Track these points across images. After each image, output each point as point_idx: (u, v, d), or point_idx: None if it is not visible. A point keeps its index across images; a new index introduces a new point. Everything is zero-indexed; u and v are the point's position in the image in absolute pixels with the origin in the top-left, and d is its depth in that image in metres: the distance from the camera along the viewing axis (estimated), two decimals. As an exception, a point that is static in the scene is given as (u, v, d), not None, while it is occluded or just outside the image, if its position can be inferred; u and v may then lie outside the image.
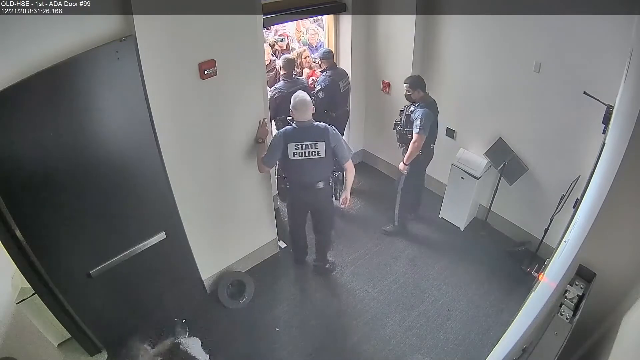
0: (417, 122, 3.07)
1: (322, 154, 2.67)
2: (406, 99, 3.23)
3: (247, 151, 2.80)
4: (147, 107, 2.16)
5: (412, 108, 3.19)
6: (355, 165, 2.97)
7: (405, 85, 3.19)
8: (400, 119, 3.31)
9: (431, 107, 3.15)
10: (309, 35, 4.65)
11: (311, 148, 2.64)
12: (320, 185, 2.78)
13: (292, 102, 2.68)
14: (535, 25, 2.78)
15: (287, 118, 2.85)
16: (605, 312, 1.59)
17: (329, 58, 3.67)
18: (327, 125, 2.71)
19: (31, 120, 1.83)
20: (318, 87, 3.65)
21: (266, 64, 3.66)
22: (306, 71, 4.15)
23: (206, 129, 2.54)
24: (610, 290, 1.56)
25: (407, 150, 3.24)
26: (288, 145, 2.64)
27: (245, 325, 2.94)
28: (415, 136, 3.11)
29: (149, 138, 2.25)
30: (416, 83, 3.15)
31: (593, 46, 2.55)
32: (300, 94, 2.70)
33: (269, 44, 4.44)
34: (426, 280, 3.27)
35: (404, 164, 3.27)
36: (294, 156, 2.66)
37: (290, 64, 3.61)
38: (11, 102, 1.74)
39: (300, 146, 2.64)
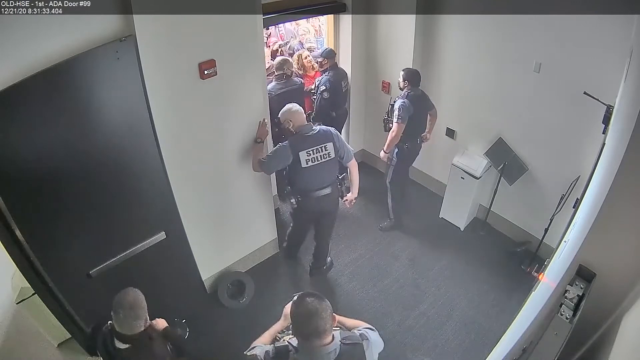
0: (395, 112, 3.21)
1: (332, 154, 2.69)
2: (398, 87, 3.32)
3: (247, 151, 2.79)
4: (147, 107, 2.16)
5: (395, 99, 3.30)
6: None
7: (400, 73, 3.26)
8: (387, 109, 3.42)
9: (415, 100, 3.21)
10: (300, 35, 4.67)
11: (322, 151, 2.65)
12: (328, 190, 2.77)
13: (284, 115, 2.65)
14: (535, 25, 2.78)
15: (289, 127, 2.76)
16: (605, 312, 1.59)
17: (331, 57, 3.67)
18: (329, 128, 2.74)
19: (31, 120, 1.83)
20: (322, 88, 3.66)
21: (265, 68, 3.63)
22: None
23: (206, 129, 2.54)
24: (610, 290, 1.56)
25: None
26: (300, 154, 2.61)
27: (245, 325, 2.94)
28: (394, 125, 3.23)
29: (149, 138, 2.25)
30: (409, 76, 3.22)
31: (593, 46, 2.55)
32: (287, 106, 2.69)
33: (277, 47, 4.44)
34: (426, 280, 3.27)
35: (384, 151, 3.39)
36: (307, 163, 2.63)
37: (281, 65, 3.56)
38: (11, 102, 1.74)
39: (312, 151, 2.63)
